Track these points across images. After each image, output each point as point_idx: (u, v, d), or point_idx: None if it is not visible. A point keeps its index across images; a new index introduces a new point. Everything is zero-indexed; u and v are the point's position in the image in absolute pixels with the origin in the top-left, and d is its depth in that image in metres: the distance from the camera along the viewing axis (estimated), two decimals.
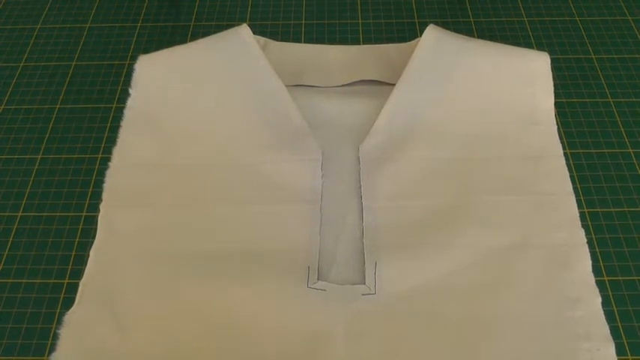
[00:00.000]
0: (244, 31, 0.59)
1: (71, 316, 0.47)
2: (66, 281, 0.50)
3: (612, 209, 0.53)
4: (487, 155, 0.56)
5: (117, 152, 0.56)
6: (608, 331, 0.46)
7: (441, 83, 0.58)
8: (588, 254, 0.49)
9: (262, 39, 0.64)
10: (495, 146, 0.56)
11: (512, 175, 0.54)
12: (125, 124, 0.58)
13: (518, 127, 0.57)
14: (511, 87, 0.59)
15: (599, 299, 0.47)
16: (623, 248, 0.51)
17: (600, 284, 0.48)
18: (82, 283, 0.48)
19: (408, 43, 0.64)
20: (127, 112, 0.58)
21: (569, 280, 0.48)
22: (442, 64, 0.58)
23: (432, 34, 0.59)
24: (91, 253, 0.50)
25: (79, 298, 0.48)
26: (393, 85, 0.58)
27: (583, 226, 0.51)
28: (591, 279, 0.48)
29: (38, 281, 0.50)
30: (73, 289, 0.48)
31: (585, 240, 0.50)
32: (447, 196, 0.53)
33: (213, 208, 0.53)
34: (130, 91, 0.59)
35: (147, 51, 0.63)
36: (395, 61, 0.62)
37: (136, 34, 0.69)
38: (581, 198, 0.54)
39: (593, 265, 0.49)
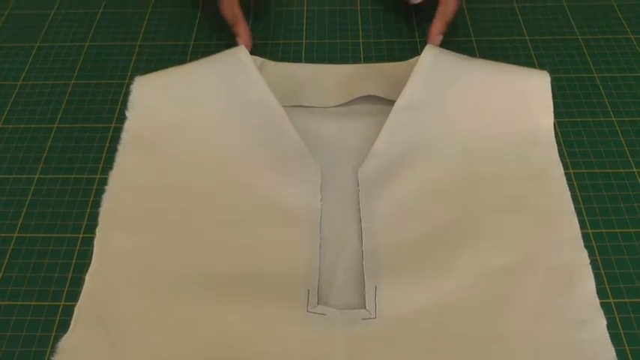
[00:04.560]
0: (242, 52, 0.59)
1: (65, 342, 0.46)
2: (62, 303, 0.49)
3: (617, 230, 0.52)
4: (487, 175, 0.55)
5: (113, 175, 0.56)
6: (614, 354, 0.45)
7: (439, 103, 0.58)
8: (592, 275, 0.49)
9: (259, 59, 0.64)
10: (495, 166, 0.56)
11: (513, 194, 0.54)
12: (122, 146, 0.57)
13: (518, 147, 0.57)
14: (511, 106, 0.58)
15: (605, 321, 0.46)
16: (629, 270, 0.50)
17: (606, 306, 0.47)
18: (77, 307, 0.48)
19: (407, 61, 0.64)
20: (124, 135, 0.58)
21: (573, 302, 0.47)
22: (440, 84, 0.58)
23: (430, 53, 0.58)
24: (87, 277, 0.49)
25: (74, 324, 0.47)
26: (392, 101, 0.57)
27: (587, 247, 0.50)
28: (596, 301, 0.47)
29: (34, 303, 0.49)
30: (70, 311, 0.48)
31: (588, 261, 0.49)
32: (447, 216, 0.53)
33: (211, 231, 0.52)
34: (127, 113, 0.59)
35: (146, 70, 0.62)
36: (393, 78, 0.61)
37: (135, 53, 0.68)
38: (585, 218, 0.53)
39: (598, 287, 0.48)
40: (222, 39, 0.69)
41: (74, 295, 0.49)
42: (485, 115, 0.58)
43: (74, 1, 0.75)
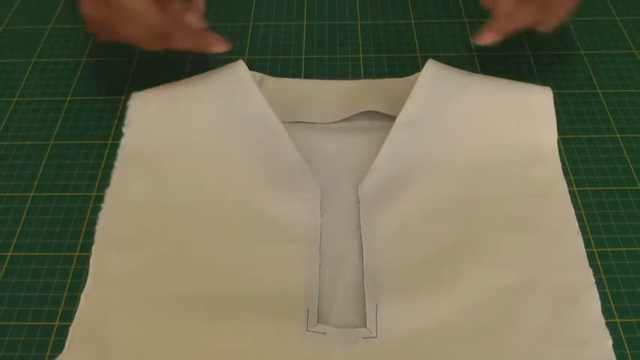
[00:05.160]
0: (240, 67, 0.59)
1: None
2: (57, 323, 0.49)
3: (622, 248, 0.52)
4: (489, 193, 0.55)
5: (110, 193, 0.56)
6: None
7: (441, 120, 0.58)
8: (597, 294, 0.49)
9: (258, 74, 0.64)
10: (497, 184, 0.56)
11: (516, 213, 0.54)
12: (118, 164, 0.57)
13: (521, 164, 0.57)
14: (513, 123, 0.58)
15: (610, 341, 0.46)
16: (635, 289, 0.50)
17: (612, 326, 0.47)
18: (71, 328, 0.47)
19: (407, 77, 0.64)
20: (121, 152, 0.58)
21: (578, 321, 0.47)
22: (441, 100, 0.58)
23: (431, 68, 0.59)
24: (82, 297, 0.49)
25: (69, 344, 0.47)
26: (392, 117, 0.58)
27: (592, 266, 0.50)
28: (601, 320, 0.47)
29: (28, 323, 0.49)
30: (64, 331, 0.47)
31: (593, 280, 0.49)
32: (449, 235, 0.52)
33: (209, 249, 0.52)
34: (124, 129, 0.59)
35: (144, 86, 0.62)
36: (394, 94, 0.61)
37: (132, 69, 0.68)
38: (590, 237, 0.53)
39: (604, 307, 0.48)
40: (221, 54, 0.69)
41: (69, 315, 0.48)
42: (487, 132, 0.58)
43: (71, 16, 0.75)
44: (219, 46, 0.64)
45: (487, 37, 0.63)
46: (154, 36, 0.60)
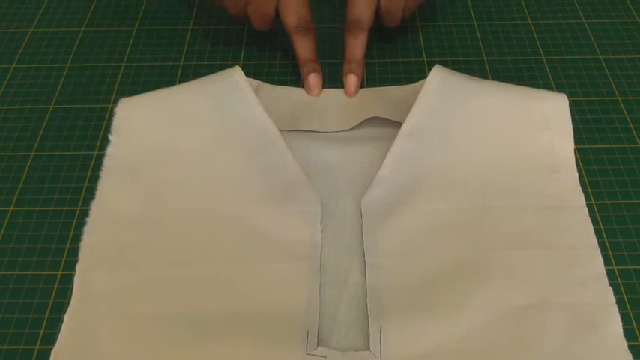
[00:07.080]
0: (237, 73, 0.59)
1: None
2: (37, 347, 0.48)
3: None
4: (500, 206, 0.55)
5: (95, 206, 0.55)
6: None
7: (448, 128, 0.58)
8: (618, 315, 0.48)
9: (255, 82, 0.64)
10: (509, 196, 0.56)
11: (529, 227, 0.54)
12: (104, 174, 0.57)
13: (535, 176, 0.57)
14: (525, 132, 0.58)
15: None
16: None
17: (635, 350, 0.47)
18: (53, 352, 0.47)
19: (413, 84, 0.65)
20: (107, 161, 0.58)
21: (597, 344, 0.47)
22: (448, 108, 0.58)
23: (437, 74, 0.59)
24: (65, 318, 0.49)
25: None
26: (397, 124, 0.58)
27: (613, 284, 0.50)
28: (623, 343, 0.47)
29: (5, 347, 0.48)
30: (46, 355, 0.47)
31: (614, 299, 0.49)
32: (457, 251, 0.52)
33: (202, 267, 0.52)
34: (110, 137, 0.59)
35: (132, 93, 0.62)
36: (398, 102, 0.62)
37: (120, 75, 0.69)
38: (610, 253, 0.53)
39: (625, 328, 0.48)
40: (214, 59, 0.70)
41: (51, 338, 0.48)
42: (498, 142, 0.58)
43: (54, 18, 0.76)
44: (314, 89, 0.65)
45: (352, 83, 0.65)
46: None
